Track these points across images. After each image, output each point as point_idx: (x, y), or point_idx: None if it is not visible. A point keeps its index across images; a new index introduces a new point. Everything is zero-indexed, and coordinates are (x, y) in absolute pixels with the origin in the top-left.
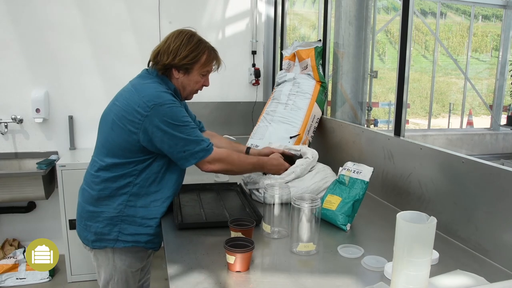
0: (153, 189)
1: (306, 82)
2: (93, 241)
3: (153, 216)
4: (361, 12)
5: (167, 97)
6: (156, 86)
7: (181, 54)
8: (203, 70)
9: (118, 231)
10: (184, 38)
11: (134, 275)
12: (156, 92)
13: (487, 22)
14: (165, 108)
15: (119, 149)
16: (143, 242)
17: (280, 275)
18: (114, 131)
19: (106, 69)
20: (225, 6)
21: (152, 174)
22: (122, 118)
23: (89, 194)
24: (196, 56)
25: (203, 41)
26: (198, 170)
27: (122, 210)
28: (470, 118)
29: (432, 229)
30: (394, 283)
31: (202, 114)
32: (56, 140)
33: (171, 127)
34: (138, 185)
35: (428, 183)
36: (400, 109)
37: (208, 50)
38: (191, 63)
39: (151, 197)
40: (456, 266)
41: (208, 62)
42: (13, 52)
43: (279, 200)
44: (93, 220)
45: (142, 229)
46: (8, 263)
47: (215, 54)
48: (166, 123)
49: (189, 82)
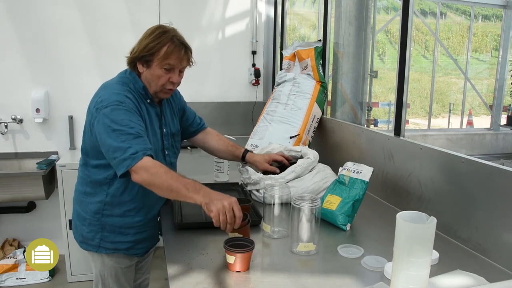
0: (125, 198)
1: (306, 82)
2: (80, 242)
3: (130, 225)
4: (361, 12)
5: (115, 98)
6: (114, 86)
7: (141, 45)
8: (163, 63)
9: (100, 238)
10: (150, 30)
11: (125, 272)
12: (108, 93)
13: (487, 22)
14: (108, 109)
15: (90, 149)
16: (123, 249)
17: (280, 275)
18: (86, 131)
19: (106, 69)
20: (225, 6)
21: (122, 183)
22: (87, 119)
23: (77, 192)
24: (154, 47)
25: (169, 33)
26: (198, 170)
27: (100, 219)
28: (470, 118)
29: (432, 229)
30: (394, 283)
31: (202, 114)
32: (56, 140)
33: (107, 130)
34: (110, 194)
35: (428, 183)
36: (400, 109)
37: (171, 42)
38: (149, 54)
39: (125, 206)
40: (456, 266)
41: (168, 54)
42: (13, 52)
43: (279, 200)
44: (81, 221)
45: (122, 237)
46: (8, 263)
47: (178, 48)
48: (104, 125)
49: (151, 76)
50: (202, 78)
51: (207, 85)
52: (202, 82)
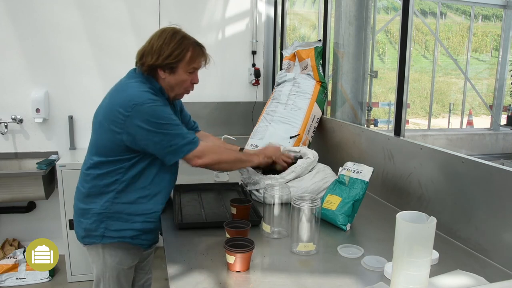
0: (140, 185)
1: (306, 82)
2: (83, 237)
3: (139, 213)
4: (361, 12)
5: (147, 96)
6: (138, 85)
7: (165, 53)
8: (189, 68)
9: (104, 227)
10: (167, 36)
11: (127, 273)
12: (137, 92)
13: (487, 22)
14: (146, 107)
15: (105, 148)
16: (128, 238)
17: (280, 275)
18: (100, 130)
19: (106, 69)
20: (225, 6)
21: (139, 171)
22: (106, 118)
23: (80, 192)
24: (179, 54)
25: (187, 37)
26: (198, 170)
27: (109, 207)
28: (470, 118)
29: (432, 229)
30: (394, 283)
31: (202, 114)
32: (56, 140)
33: (154, 126)
34: (124, 182)
35: (428, 183)
36: (400, 109)
37: (193, 46)
38: (175, 61)
39: (137, 193)
40: (456, 266)
41: (193, 58)
42: (13, 52)
43: (279, 200)
44: (83, 216)
45: (128, 224)
46: (8, 263)
47: (201, 50)
48: (148, 122)
49: (176, 81)
50: (202, 78)
51: (207, 85)
52: (202, 82)
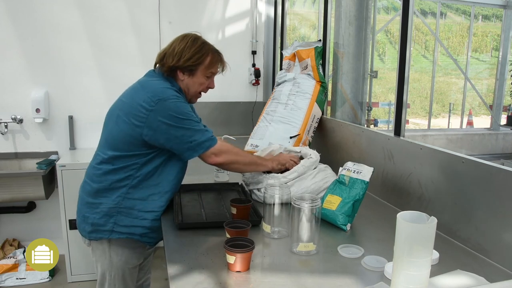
0: (153, 182)
1: (306, 82)
2: (90, 232)
3: (150, 209)
4: (361, 12)
5: (171, 93)
6: (161, 82)
7: (185, 56)
8: (207, 72)
9: (113, 222)
10: (189, 41)
11: (132, 272)
12: (161, 88)
13: (487, 22)
14: (170, 102)
15: (121, 143)
16: (138, 235)
17: (280, 275)
18: (118, 125)
19: (106, 69)
20: (225, 6)
21: (153, 168)
22: (127, 113)
23: (90, 187)
24: (200, 57)
25: (207, 43)
26: (198, 170)
27: (120, 202)
28: (470, 118)
29: (432, 229)
30: (394, 283)
31: (202, 114)
32: (56, 140)
33: (176, 121)
34: (138, 178)
35: (428, 183)
36: (400, 109)
37: (212, 52)
38: (195, 64)
39: (149, 190)
40: (456, 266)
41: (212, 64)
42: (13, 52)
43: (279, 200)
44: (91, 211)
45: (138, 221)
46: (8, 263)
47: (219, 57)
48: (171, 117)
49: (193, 83)
50: None
51: None
52: None
